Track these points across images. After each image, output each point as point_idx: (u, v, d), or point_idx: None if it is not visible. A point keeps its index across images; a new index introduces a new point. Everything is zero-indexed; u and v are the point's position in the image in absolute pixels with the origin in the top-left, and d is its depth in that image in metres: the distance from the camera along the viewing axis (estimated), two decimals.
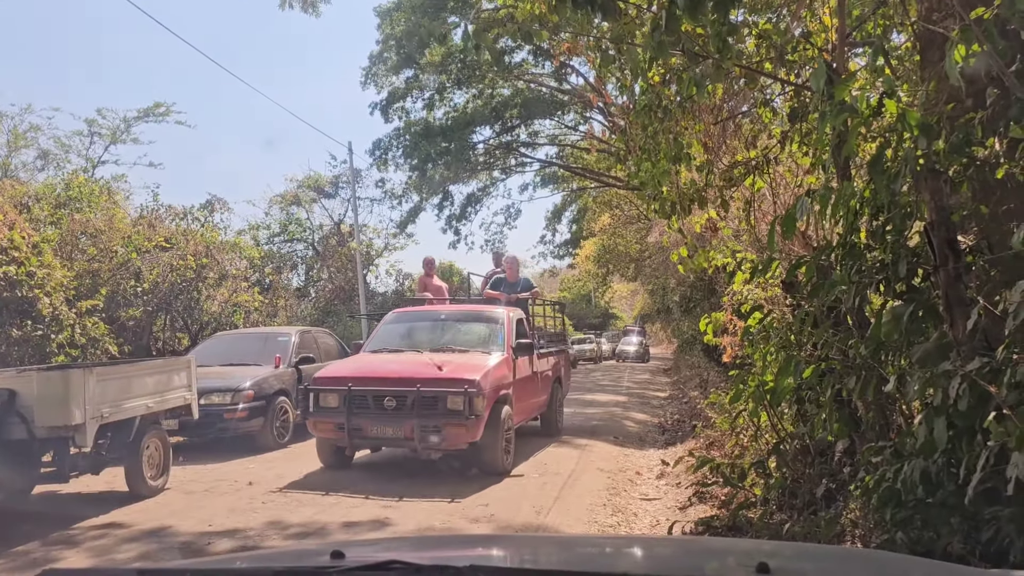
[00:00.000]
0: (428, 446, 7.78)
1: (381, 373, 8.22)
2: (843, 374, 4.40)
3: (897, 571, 1.71)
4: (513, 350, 8.98)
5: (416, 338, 9.51)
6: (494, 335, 9.22)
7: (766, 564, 1.42)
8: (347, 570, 1.45)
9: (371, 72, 24.83)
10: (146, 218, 16.36)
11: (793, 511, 5.17)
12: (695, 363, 21.84)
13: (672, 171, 6.04)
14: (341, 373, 8.39)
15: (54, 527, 6.10)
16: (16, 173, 22.20)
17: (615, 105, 19.00)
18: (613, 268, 35.52)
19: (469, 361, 8.38)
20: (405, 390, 7.73)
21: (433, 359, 8.34)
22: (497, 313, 9.71)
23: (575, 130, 28.34)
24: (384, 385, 7.93)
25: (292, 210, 30.67)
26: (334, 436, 8.08)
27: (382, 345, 9.39)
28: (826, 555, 2.14)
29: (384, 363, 8.60)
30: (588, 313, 57.48)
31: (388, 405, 7.79)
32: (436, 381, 7.79)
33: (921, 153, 3.27)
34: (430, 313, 10.37)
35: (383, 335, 9.72)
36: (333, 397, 8.00)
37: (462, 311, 10.37)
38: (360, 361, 9.04)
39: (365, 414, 7.87)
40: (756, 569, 1.42)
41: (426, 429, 7.63)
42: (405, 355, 8.86)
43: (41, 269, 12.03)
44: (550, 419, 11.02)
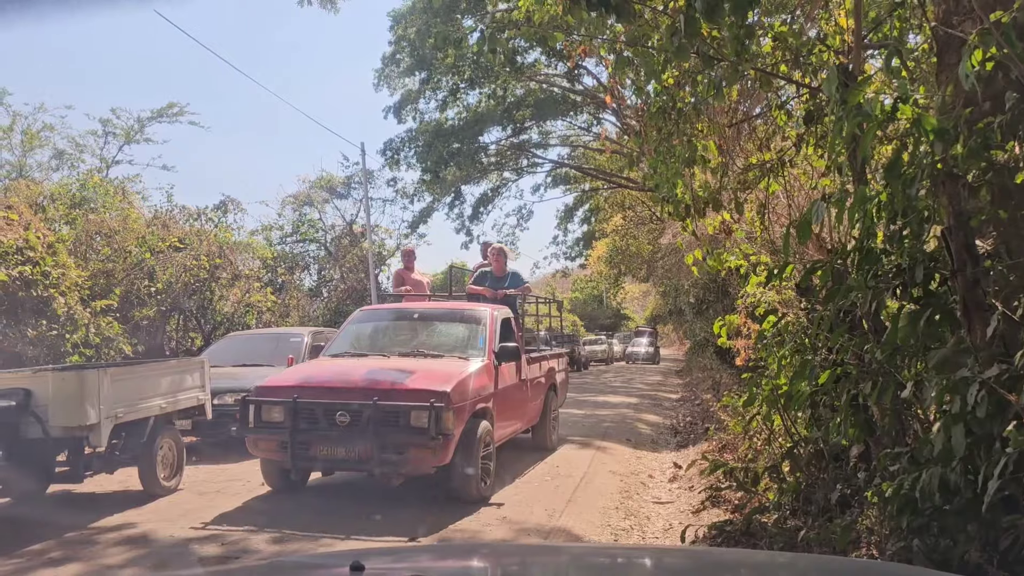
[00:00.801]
0: (387, 471, 6.66)
1: (334, 382, 7.05)
2: (859, 379, 4.38)
3: None
4: (496, 355, 7.86)
5: (384, 341, 8.44)
6: (474, 338, 8.11)
7: None
8: None
9: (384, 74, 24.90)
10: (160, 218, 16.45)
11: (807, 517, 5.14)
12: (707, 365, 21.77)
13: (686, 173, 6.02)
14: (287, 382, 7.18)
15: (68, 527, 6.13)
16: (31, 173, 22.36)
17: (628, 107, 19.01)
18: (625, 269, 35.47)
19: (441, 369, 7.23)
20: (360, 403, 6.55)
21: (400, 366, 7.36)
22: (479, 312, 8.54)
23: (587, 131, 28.36)
24: (336, 397, 6.72)
25: (305, 210, 30.75)
26: (277, 457, 6.94)
27: (344, 348, 8.27)
28: (845, 569, 2.12)
29: (340, 370, 7.43)
30: (600, 314, 57.43)
31: (341, 421, 6.57)
32: (397, 393, 6.67)
33: (938, 157, 3.24)
34: (402, 312, 9.15)
35: (347, 337, 8.58)
36: (277, 410, 6.80)
37: (439, 309, 9.23)
38: (312, 368, 7.93)
39: (313, 431, 6.70)
40: None
41: (385, 450, 6.47)
42: (369, 360, 7.75)
43: (56, 269, 12.10)
44: (542, 431, 9.88)
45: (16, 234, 11.80)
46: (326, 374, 7.35)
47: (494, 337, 8.08)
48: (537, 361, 9.61)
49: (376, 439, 6.43)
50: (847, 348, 4.56)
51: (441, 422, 6.41)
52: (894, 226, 3.69)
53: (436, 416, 6.38)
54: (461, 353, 7.80)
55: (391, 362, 7.58)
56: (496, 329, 8.22)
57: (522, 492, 7.47)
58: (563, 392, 11.30)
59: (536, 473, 8.42)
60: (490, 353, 7.83)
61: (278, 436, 6.74)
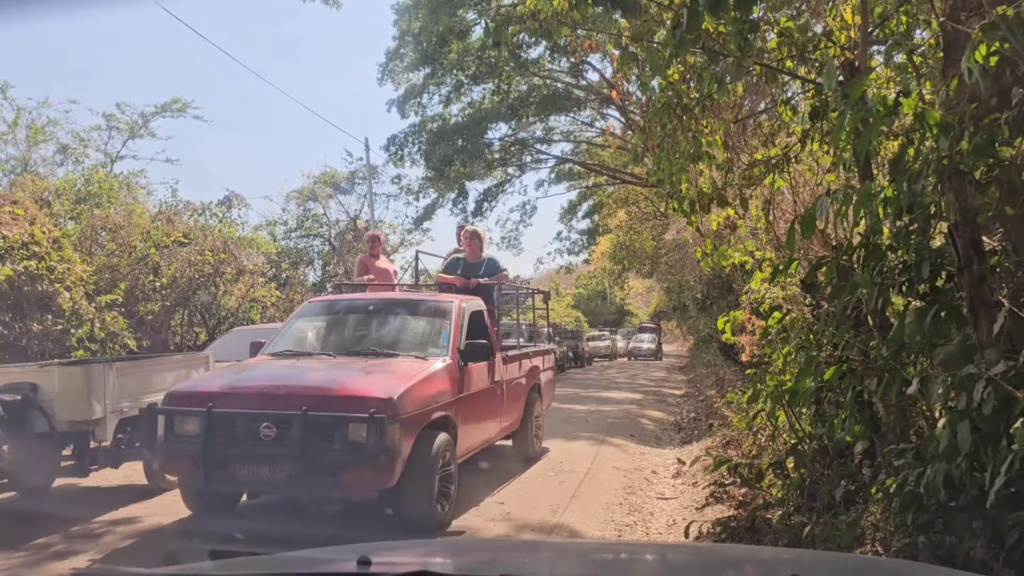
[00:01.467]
0: (320, 494, 5.78)
1: (259, 388, 6.02)
2: (864, 375, 4.37)
3: None
4: (462, 354, 6.85)
5: (332, 337, 7.44)
6: (436, 334, 7.07)
7: None
8: None
9: (388, 68, 24.91)
10: (165, 213, 16.48)
11: (812, 513, 5.14)
12: (711, 361, 21.77)
13: (691, 169, 6.01)
14: (205, 387, 6.15)
15: (74, 520, 6.15)
16: (36, 168, 22.42)
17: (633, 103, 18.99)
18: (629, 265, 35.47)
19: (391, 371, 6.21)
20: (288, 414, 5.50)
21: (344, 368, 6.37)
22: (444, 304, 7.44)
23: (591, 126, 28.35)
24: (261, 406, 5.69)
25: (309, 206, 30.78)
26: (190, 476, 5.91)
27: (286, 346, 7.16)
28: (850, 565, 2.12)
29: (271, 374, 6.43)
30: (603, 310, 57.45)
31: (265, 434, 5.54)
32: (332, 401, 5.63)
33: (944, 153, 3.23)
34: (355, 304, 7.98)
35: (290, 333, 7.50)
36: (192, 422, 5.74)
37: (397, 301, 8.10)
38: (239, 370, 6.72)
39: (233, 447, 5.65)
40: None
41: (316, 470, 5.48)
42: (310, 362, 6.73)
43: (61, 264, 12.13)
44: (523, 439, 8.89)
45: (22, 229, 11.82)
46: (253, 378, 6.31)
47: (460, 333, 7.04)
48: (516, 360, 8.63)
49: (306, 457, 5.43)
50: (852, 345, 4.56)
51: (384, 436, 5.35)
52: (900, 222, 3.68)
53: (377, 429, 5.35)
54: (420, 352, 6.78)
55: (335, 363, 6.54)
56: (463, 323, 7.18)
57: (525, 488, 7.48)
58: (549, 394, 10.19)
59: (539, 469, 8.43)
60: (455, 351, 6.81)
61: (191, 452, 5.66)
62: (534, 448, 9.06)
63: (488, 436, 7.72)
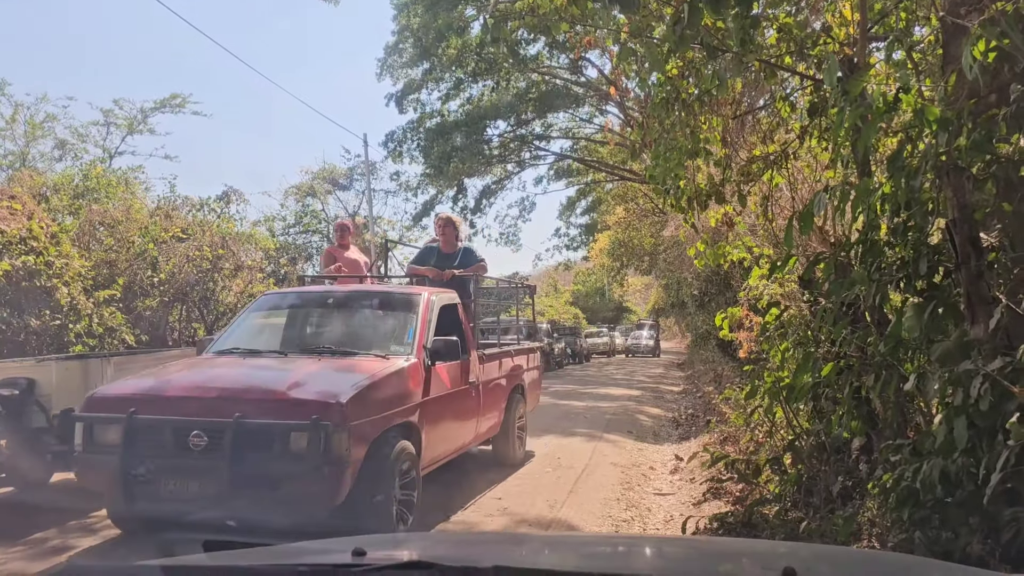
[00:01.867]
0: (256, 512, 4.81)
1: (188, 391, 5.26)
2: (861, 372, 4.38)
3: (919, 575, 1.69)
4: (429, 352, 6.19)
5: (287, 333, 6.80)
6: (400, 329, 6.40)
7: (792, 568, 1.39)
8: (369, 569, 1.42)
9: (387, 64, 24.91)
10: (163, 209, 16.45)
11: (809, 508, 5.15)
12: (709, 358, 21.78)
13: (689, 166, 6.01)
14: (129, 390, 5.38)
15: (72, 514, 6.15)
16: (34, 163, 22.40)
17: (631, 98, 18.99)
18: (627, 262, 35.49)
19: (345, 372, 5.57)
20: (220, 421, 4.82)
21: (293, 368, 5.60)
22: (410, 298, 6.74)
23: (590, 123, 28.37)
24: (191, 411, 5.00)
25: (308, 201, 30.81)
26: (109, 492, 5.29)
27: (234, 343, 6.41)
28: (847, 558, 2.13)
29: (208, 375, 5.64)
30: (602, 307, 57.46)
31: (195, 444, 4.87)
32: (272, 407, 4.94)
33: (942, 149, 3.24)
34: (315, 297, 7.29)
35: (241, 328, 6.75)
36: (112, 430, 5.04)
37: (359, 294, 7.29)
38: (172, 371, 5.93)
39: (157, 458, 4.92)
40: (782, 573, 1.39)
41: (252, 485, 4.76)
42: (258, 361, 6.01)
43: (59, 259, 12.11)
44: (505, 444, 8.25)
45: (19, 224, 11.80)
46: (185, 380, 5.53)
47: (427, 328, 6.38)
48: (496, 359, 8.04)
49: (239, 470, 4.71)
50: (850, 341, 4.57)
51: (328, 446, 4.73)
52: (898, 219, 3.69)
53: (320, 438, 4.72)
54: (381, 350, 6.10)
55: (284, 363, 5.85)
56: (431, 318, 6.52)
57: (523, 483, 7.49)
58: (534, 395, 9.51)
59: (537, 465, 8.44)
60: (420, 349, 6.16)
61: (110, 464, 4.93)
62: (516, 453, 8.41)
63: (461, 442, 7.02)
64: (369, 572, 1.42)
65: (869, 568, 1.83)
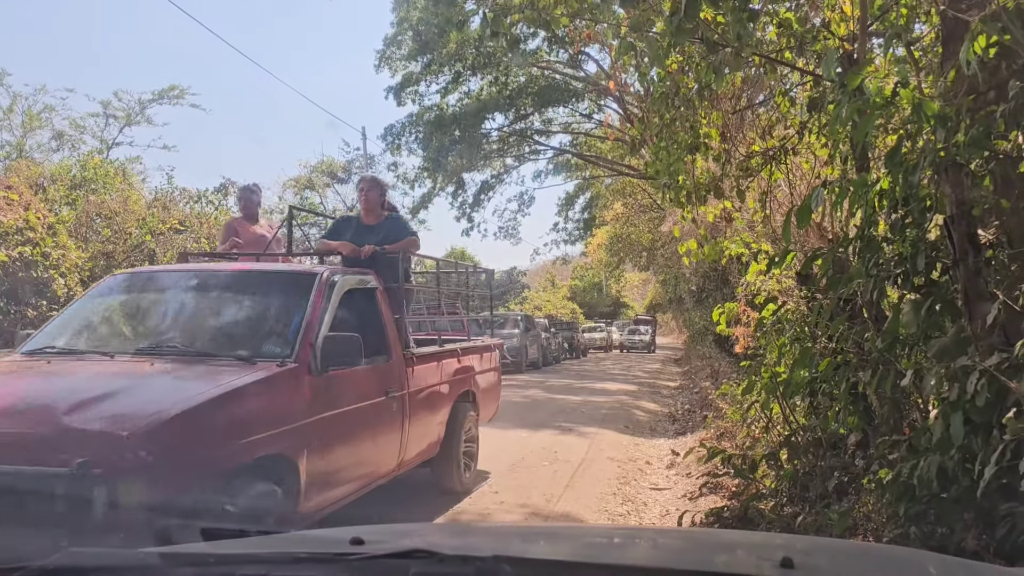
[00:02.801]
0: None
1: None
2: (858, 367, 4.39)
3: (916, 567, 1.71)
4: (319, 352, 4.52)
5: (128, 326, 5.17)
6: (280, 322, 4.82)
7: (790, 559, 1.39)
8: (368, 558, 1.42)
9: (385, 56, 24.85)
10: (160, 200, 16.43)
11: (805, 504, 5.16)
12: (706, 353, 21.82)
13: (688, 160, 6.01)
14: None
15: None
16: (31, 154, 22.34)
17: (631, 94, 18.98)
18: (625, 257, 35.52)
19: (179, 381, 4.06)
20: None
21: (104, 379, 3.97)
22: (300, 279, 5.15)
23: (589, 118, 28.35)
24: None
25: (306, 194, 30.78)
26: None
27: (52, 340, 4.83)
28: (843, 549, 2.14)
29: None
30: (599, 302, 57.55)
31: None
32: (29, 441, 3.33)
33: (941, 146, 3.24)
34: (173, 278, 5.43)
35: (70, 319, 5.16)
36: None
37: (232, 275, 5.50)
38: None
39: None
40: (780, 564, 1.39)
41: None
42: (68, 365, 4.43)
43: (56, 250, 12.10)
44: (446, 466, 6.53)
45: (16, 214, 11.80)
46: None
47: (319, 321, 4.71)
48: (435, 359, 6.39)
49: None
50: (847, 337, 4.57)
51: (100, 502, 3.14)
52: (896, 215, 3.69)
53: (95, 495, 3.12)
54: (248, 350, 4.50)
55: (101, 370, 4.23)
56: (327, 308, 4.86)
57: (519, 477, 7.50)
58: (491, 403, 7.83)
59: (533, 458, 8.45)
60: (307, 349, 4.49)
61: None
62: (462, 477, 6.70)
63: (374, 473, 5.28)
64: (367, 560, 1.42)
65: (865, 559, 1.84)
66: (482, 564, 1.32)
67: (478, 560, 1.34)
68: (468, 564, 1.33)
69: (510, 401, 14.52)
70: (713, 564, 1.69)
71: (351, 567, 1.39)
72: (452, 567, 1.34)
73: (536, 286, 51.30)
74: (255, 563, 1.56)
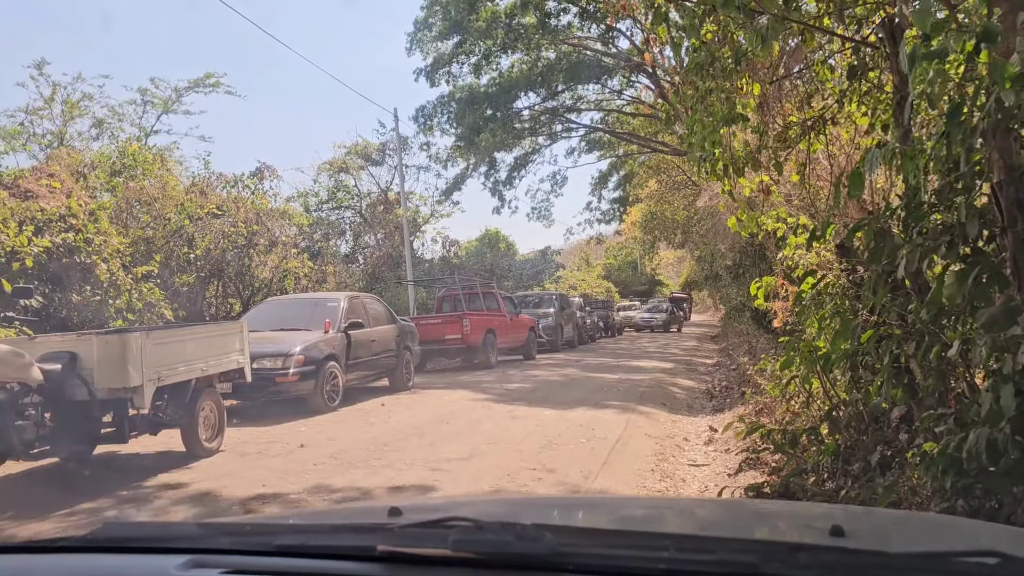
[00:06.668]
0: None
1: None
2: (902, 340, 4.29)
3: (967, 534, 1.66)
4: None
5: None
6: None
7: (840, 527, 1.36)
8: (405, 526, 1.43)
9: (416, 38, 24.80)
10: (198, 185, 16.61)
11: (847, 478, 5.09)
12: (743, 330, 21.60)
13: (725, 132, 5.89)
14: None
15: (116, 485, 6.29)
16: (71, 142, 22.67)
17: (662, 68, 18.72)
18: (660, 235, 35.20)
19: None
20: None
21: None
22: None
23: (620, 95, 28.04)
24: None
25: (340, 177, 30.92)
26: None
27: None
28: (888, 518, 2.09)
29: None
30: (634, 280, 57.15)
31: None
32: None
33: (1009, 104, 3.10)
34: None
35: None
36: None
37: None
38: None
39: None
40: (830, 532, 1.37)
41: None
42: None
43: (98, 236, 12.29)
44: None
45: (59, 202, 12.00)
46: None
47: None
48: None
49: None
50: (890, 308, 4.47)
51: None
52: (948, 179, 3.57)
53: None
54: None
55: None
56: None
57: (557, 454, 7.49)
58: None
59: (570, 435, 8.44)
60: None
61: None
62: None
63: None
64: (406, 528, 1.42)
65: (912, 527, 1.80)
66: (522, 530, 1.31)
67: (518, 526, 1.33)
68: (507, 531, 1.32)
69: (547, 380, 14.53)
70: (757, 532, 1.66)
71: (389, 536, 1.38)
72: (492, 534, 1.32)
73: (571, 265, 51.09)
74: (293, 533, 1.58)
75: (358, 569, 1.36)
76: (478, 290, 19.60)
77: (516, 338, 19.07)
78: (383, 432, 8.66)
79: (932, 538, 1.63)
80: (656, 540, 1.41)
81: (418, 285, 24.90)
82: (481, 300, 19.07)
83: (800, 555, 1.21)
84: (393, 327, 12.87)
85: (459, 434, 8.55)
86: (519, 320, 19.47)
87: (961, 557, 1.19)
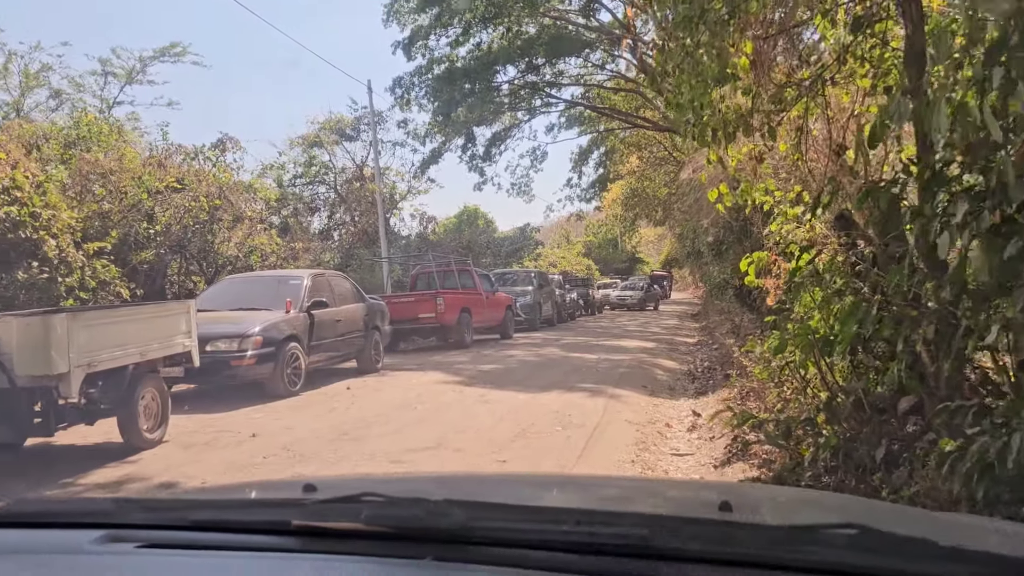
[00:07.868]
0: None
1: None
2: (917, 323, 3.77)
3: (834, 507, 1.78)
4: None
5: None
6: None
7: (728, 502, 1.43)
8: (320, 501, 1.45)
9: (393, 9, 23.96)
10: (156, 157, 15.82)
11: (847, 475, 4.60)
12: (725, 308, 21.18)
13: (715, 93, 5.33)
14: None
15: (39, 482, 5.69)
16: (30, 114, 21.75)
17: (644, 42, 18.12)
18: (640, 212, 34.72)
19: None
20: None
21: None
22: None
23: (602, 69, 27.40)
24: None
25: (314, 152, 30.12)
26: None
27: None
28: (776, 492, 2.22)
29: None
30: (615, 258, 56.73)
31: None
32: None
33: None
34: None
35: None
36: None
37: None
38: None
39: None
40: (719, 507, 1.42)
41: None
42: None
43: (46, 210, 11.57)
44: None
45: (3, 173, 11.25)
46: None
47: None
48: None
49: None
50: (900, 288, 3.95)
51: None
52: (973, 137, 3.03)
53: None
54: None
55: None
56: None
57: (530, 444, 6.96)
58: None
59: (545, 423, 7.91)
60: None
61: None
62: None
63: None
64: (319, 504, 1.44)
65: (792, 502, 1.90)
66: (433, 506, 1.35)
67: (429, 502, 1.37)
68: (418, 506, 1.37)
69: (523, 360, 14.00)
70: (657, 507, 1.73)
71: (303, 511, 1.41)
72: (403, 509, 1.38)
73: (550, 243, 50.54)
74: (208, 508, 1.61)
75: (273, 543, 1.39)
76: (453, 267, 19.04)
77: (493, 317, 18.55)
78: (344, 419, 8.09)
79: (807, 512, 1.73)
80: (561, 515, 1.47)
81: (393, 263, 24.25)
82: (456, 278, 18.51)
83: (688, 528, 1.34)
84: (361, 306, 12.25)
85: (426, 421, 7.99)
86: (496, 298, 18.93)
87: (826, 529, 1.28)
